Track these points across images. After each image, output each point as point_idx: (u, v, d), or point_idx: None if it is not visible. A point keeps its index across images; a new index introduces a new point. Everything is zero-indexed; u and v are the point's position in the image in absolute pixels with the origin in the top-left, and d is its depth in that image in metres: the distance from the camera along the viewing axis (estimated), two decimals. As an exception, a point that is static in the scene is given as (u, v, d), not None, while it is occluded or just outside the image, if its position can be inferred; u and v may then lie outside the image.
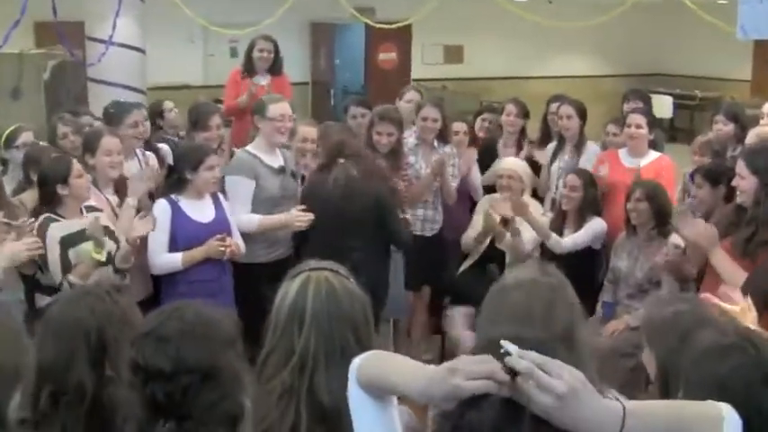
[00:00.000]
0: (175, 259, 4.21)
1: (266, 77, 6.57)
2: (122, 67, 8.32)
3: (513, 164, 5.50)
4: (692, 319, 2.24)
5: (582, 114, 5.67)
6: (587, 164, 5.51)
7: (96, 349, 2.06)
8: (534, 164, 5.79)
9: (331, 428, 2.05)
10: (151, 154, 5.07)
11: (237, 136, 6.23)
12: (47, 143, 4.95)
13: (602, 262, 5.13)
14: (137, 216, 4.12)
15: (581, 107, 5.70)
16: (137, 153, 4.94)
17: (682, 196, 5.28)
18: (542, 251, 5.13)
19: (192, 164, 4.27)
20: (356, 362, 1.67)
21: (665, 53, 15.02)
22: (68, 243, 3.82)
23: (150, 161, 4.98)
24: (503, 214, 5.15)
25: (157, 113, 5.92)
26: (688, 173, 5.25)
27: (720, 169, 4.62)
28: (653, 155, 5.39)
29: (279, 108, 4.70)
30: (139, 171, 4.62)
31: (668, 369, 2.15)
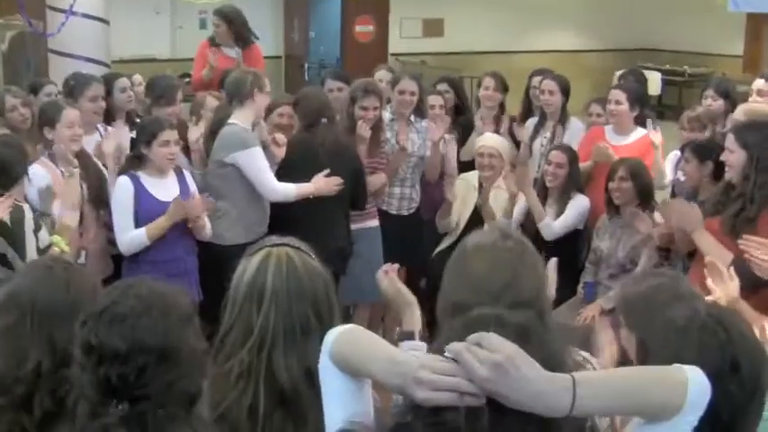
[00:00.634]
0: (140, 234, 4.11)
1: (235, 49, 6.41)
2: (85, 39, 8.16)
3: (493, 141, 5.31)
4: (668, 294, 2.20)
5: (565, 90, 5.58)
6: (572, 141, 5.38)
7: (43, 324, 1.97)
8: (514, 139, 5.66)
9: (290, 410, 2.03)
10: (114, 128, 4.91)
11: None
12: (-4, 117, 4.80)
13: (584, 243, 5.04)
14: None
15: (564, 82, 5.60)
16: (98, 128, 4.86)
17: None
18: (523, 230, 4.91)
19: (147, 138, 4.16)
20: (331, 336, 1.63)
21: (653, 27, 14.51)
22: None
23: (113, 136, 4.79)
24: (509, 189, 5.00)
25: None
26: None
27: (710, 146, 4.61)
28: (639, 132, 5.24)
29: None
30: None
31: (649, 347, 2.06)
